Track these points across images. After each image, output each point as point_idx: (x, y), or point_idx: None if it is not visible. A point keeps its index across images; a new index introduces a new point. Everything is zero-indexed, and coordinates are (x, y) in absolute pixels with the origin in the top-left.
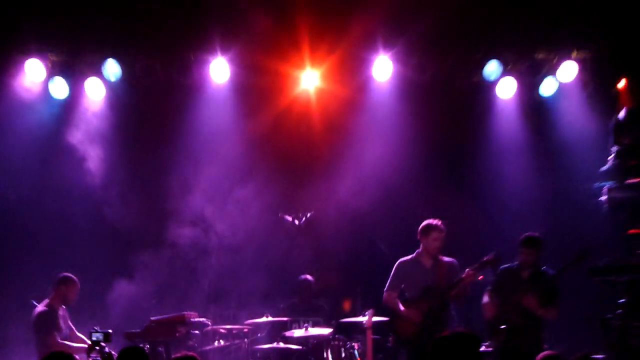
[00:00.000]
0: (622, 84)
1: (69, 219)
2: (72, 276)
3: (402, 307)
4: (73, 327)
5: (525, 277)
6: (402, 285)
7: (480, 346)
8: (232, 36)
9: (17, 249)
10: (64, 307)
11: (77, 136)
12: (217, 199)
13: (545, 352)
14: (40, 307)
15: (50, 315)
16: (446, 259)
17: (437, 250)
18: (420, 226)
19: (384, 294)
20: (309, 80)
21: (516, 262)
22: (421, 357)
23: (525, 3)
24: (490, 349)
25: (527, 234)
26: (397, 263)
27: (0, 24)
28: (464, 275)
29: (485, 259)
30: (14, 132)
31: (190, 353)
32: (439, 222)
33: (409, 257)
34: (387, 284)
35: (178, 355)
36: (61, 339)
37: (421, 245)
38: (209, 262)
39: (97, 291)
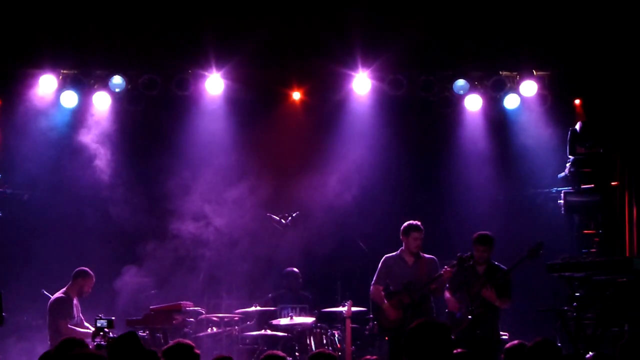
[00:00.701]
0: (577, 100)
1: (77, 217)
2: (89, 270)
3: (385, 302)
4: (82, 318)
5: (481, 272)
6: (386, 278)
7: (450, 334)
8: (226, 54)
9: (30, 245)
10: (76, 297)
11: (85, 141)
12: (211, 199)
13: (512, 342)
14: (58, 294)
15: (66, 302)
16: (427, 256)
17: (417, 248)
18: (402, 227)
19: (371, 287)
20: (296, 93)
21: (463, 255)
22: (398, 347)
23: (490, 27)
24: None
25: (479, 232)
26: (383, 259)
27: (17, 42)
28: (442, 272)
29: (463, 255)
30: (27, 138)
31: (185, 341)
32: (419, 223)
33: (394, 253)
34: (374, 278)
35: (171, 343)
36: (71, 326)
37: (403, 244)
38: (203, 256)
39: (103, 282)
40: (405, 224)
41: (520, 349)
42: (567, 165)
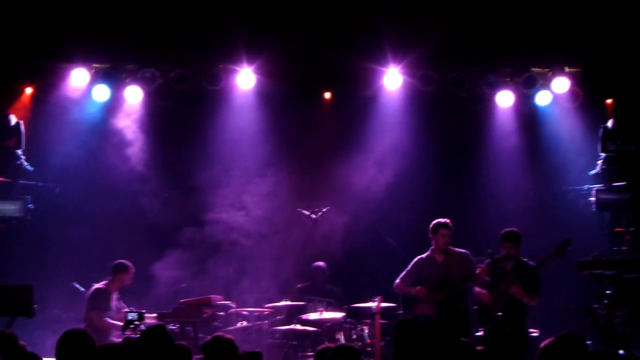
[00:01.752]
0: (609, 100)
1: (109, 210)
2: (128, 263)
3: (415, 287)
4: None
5: (509, 268)
6: (416, 279)
7: (444, 334)
8: (257, 49)
9: (61, 238)
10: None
11: (116, 135)
12: (242, 194)
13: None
14: (98, 285)
15: (104, 293)
16: (458, 250)
17: (445, 245)
18: (430, 225)
19: (396, 281)
20: (327, 88)
21: (498, 256)
22: None
23: (521, 23)
24: (481, 334)
25: (506, 229)
26: (414, 259)
27: (49, 36)
28: (477, 271)
29: (496, 257)
30: (59, 131)
31: (224, 335)
32: (447, 220)
33: (425, 254)
34: (402, 274)
35: (210, 337)
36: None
37: (433, 242)
38: (233, 250)
39: (134, 275)
40: (434, 221)
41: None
42: (599, 162)
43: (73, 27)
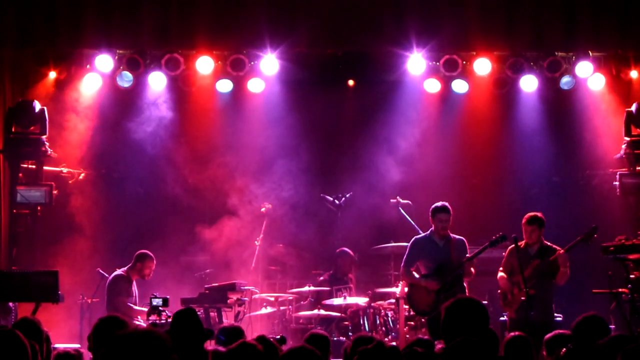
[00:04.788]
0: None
1: (133, 197)
2: (149, 253)
3: (419, 277)
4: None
5: (533, 253)
6: (418, 261)
7: (486, 311)
8: (280, 34)
9: (85, 224)
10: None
11: (141, 121)
12: (265, 180)
13: (553, 333)
14: (118, 272)
15: (124, 280)
16: (456, 237)
17: (444, 230)
18: (430, 209)
19: (401, 269)
20: (351, 73)
21: (522, 242)
22: (437, 327)
23: (546, 7)
24: (506, 319)
25: (529, 213)
26: (412, 240)
27: (73, 23)
28: (466, 258)
29: (493, 238)
30: (83, 118)
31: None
32: (446, 204)
33: (423, 234)
34: (403, 260)
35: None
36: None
37: (432, 226)
38: (257, 235)
39: (158, 261)
40: (433, 205)
41: (559, 339)
42: (623, 146)
43: (97, 12)
